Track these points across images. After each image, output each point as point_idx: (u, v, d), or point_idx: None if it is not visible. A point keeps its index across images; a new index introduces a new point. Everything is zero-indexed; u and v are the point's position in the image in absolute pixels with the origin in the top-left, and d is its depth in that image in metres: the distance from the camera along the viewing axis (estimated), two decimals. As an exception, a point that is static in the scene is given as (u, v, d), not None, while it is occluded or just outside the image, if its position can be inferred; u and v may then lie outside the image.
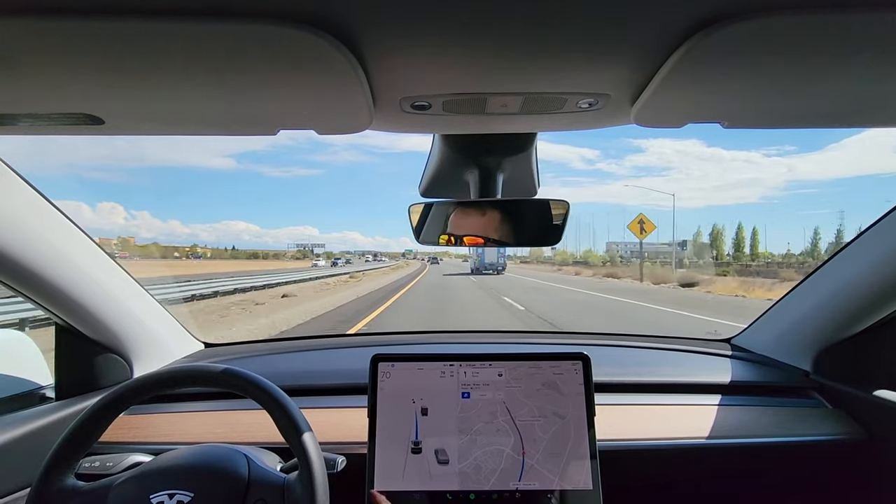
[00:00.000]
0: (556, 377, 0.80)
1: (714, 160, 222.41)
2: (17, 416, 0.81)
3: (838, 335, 1.00)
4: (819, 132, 10.35)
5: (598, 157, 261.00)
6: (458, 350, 1.08)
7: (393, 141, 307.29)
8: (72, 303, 0.85)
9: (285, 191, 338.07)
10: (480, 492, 0.75)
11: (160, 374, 0.64)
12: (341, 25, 0.37)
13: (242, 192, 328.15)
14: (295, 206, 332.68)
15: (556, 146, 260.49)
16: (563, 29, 0.38)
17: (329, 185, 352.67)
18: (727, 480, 0.97)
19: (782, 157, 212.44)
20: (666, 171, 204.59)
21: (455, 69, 0.45)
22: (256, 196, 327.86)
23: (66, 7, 0.33)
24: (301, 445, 0.59)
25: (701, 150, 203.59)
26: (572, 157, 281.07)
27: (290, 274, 23.95)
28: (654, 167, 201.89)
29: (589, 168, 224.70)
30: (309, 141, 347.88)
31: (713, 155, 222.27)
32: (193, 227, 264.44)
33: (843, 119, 0.54)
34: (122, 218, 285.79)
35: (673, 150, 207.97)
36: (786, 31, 0.37)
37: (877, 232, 0.87)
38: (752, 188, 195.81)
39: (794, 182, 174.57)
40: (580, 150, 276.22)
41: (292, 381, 0.97)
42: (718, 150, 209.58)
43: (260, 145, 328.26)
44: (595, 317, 8.93)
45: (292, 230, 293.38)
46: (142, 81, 0.43)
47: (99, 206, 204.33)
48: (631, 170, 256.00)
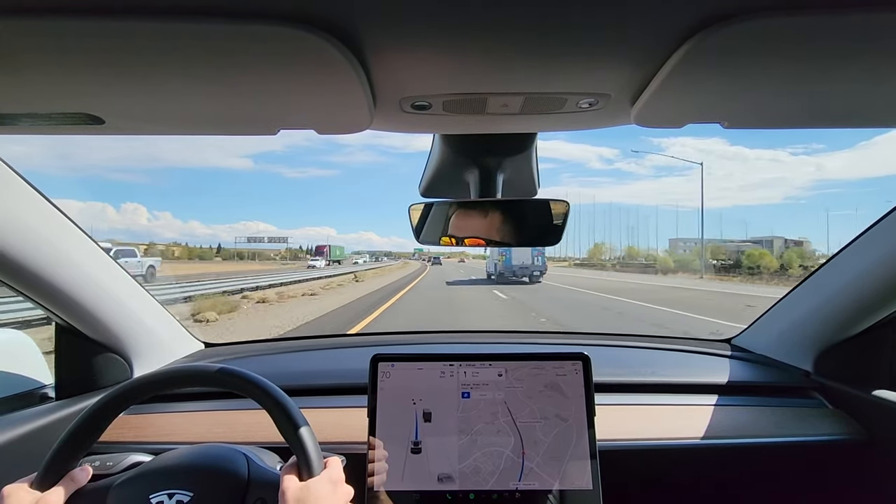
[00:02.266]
0: (560, 379, 0.80)
1: (738, 159, 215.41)
2: (17, 416, 0.81)
3: (839, 335, 1.00)
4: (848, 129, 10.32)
5: (617, 156, 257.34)
6: (458, 350, 1.08)
7: (407, 141, 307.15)
8: (72, 302, 0.85)
9: (302, 191, 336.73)
10: (480, 492, 0.75)
11: (160, 374, 0.64)
12: (341, 25, 0.37)
13: (260, 192, 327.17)
14: (311, 207, 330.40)
15: (573, 145, 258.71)
16: (563, 29, 0.38)
17: (345, 185, 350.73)
18: (727, 481, 0.97)
19: (810, 155, 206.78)
20: (688, 171, 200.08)
21: (455, 69, 0.45)
22: (274, 197, 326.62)
23: (65, 7, 0.33)
24: (300, 445, 0.59)
25: (724, 148, 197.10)
26: (590, 157, 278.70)
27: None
28: (676, 167, 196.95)
29: (608, 168, 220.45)
30: (324, 142, 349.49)
31: (737, 154, 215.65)
32: (214, 227, 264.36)
33: (843, 119, 0.54)
34: (145, 219, 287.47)
35: (695, 148, 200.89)
36: (786, 31, 0.37)
37: (877, 232, 0.87)
38: (776, 188, 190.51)
39: (822, 181, 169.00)
40: (598, 149, 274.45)
41: (292, 381, 0.97)
42: (742, 148, 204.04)
43: (276, 146, 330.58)
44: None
45: (309, 230, 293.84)
46: (142, 81, 0.43)
47: (123, 206, 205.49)
48: (651, 169, 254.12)
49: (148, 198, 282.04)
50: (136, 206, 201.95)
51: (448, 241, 0.77)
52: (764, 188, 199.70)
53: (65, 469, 0.58)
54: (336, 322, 8.14)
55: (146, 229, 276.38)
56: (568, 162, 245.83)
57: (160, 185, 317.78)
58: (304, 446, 0.59)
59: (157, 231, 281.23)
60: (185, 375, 0.66)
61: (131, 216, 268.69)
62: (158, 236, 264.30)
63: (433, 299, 12.17)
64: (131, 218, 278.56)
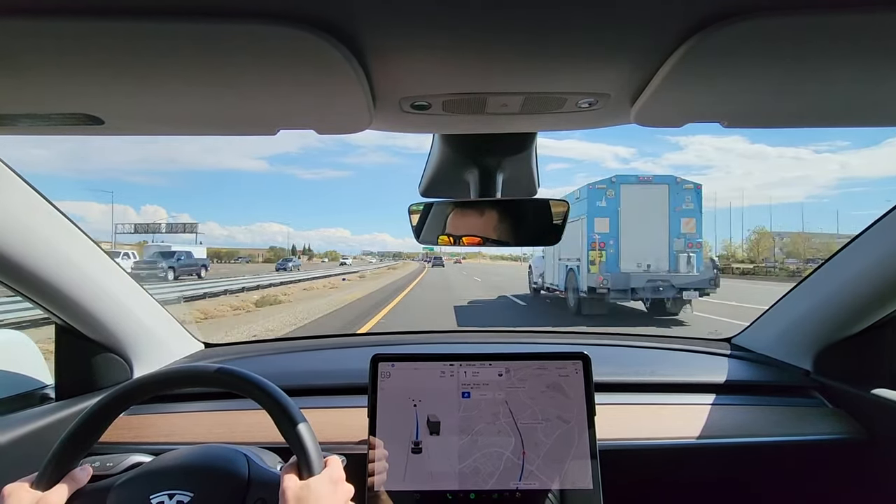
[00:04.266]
0: (562, 379, 0.80)
1: (759, 157, 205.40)
2: (17, 417, 0.81)
3: (839, 334, 1.00)
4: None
5: (634, 155, 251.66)
6: (458, 350, 1.08)
7: (420, 141, 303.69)
8: (71, 303, 0.85)
9: (316, 192, 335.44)
10: (480, 491, 0.75)
11: (159, 374, 0.64)
12: (341, 25, 0.37)
13: (275, 194, 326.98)
14: (326, 208, 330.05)
15: (589, 144, 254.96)
16: (563, 29, 0.38)
17: (358, 186, 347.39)
18: (728, 480, 0.97)
19: (833, 153, 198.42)
20: (706, 170, 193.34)
21: (455, 69, 0.45)
22: (289, 198, 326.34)
23: (65, 7, 0.33)
24: (300, 444, 0.59)
25: (745, 147, 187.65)
26: (606, 156, 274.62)
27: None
28: (693, 165, 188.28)
29: (624, 167, 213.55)
30: (337, 143, 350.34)
31: (758, 152, 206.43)
32: (230, 228, 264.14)
33: (843, 119, 0.54)
34: (165, 220, 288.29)
35: (713, 147, 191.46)
36: (785, 31, 0.36)
37: (878, 231, 0.87)
38: (799, 186, 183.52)
39: (847, 180, 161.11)
40: (614, 148, 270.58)
41: (292, 381, 0.97)
42: (763, 146, 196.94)
43: (291, 147, 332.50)
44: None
45: (324, 231, 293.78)
46: (141, 82, 0.43)
47: (143, 208, 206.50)
48: (668, 168, 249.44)
49: (167, 200, 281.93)
50: (156, 209, 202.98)
51: (447, 241, 0.77)
52: (784, 187, 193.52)
53: (65, 469, 0.58)
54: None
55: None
56: (582, 162, 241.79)
57: (178, 186, 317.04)
58: (304, 446, 0.59)
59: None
60: (185, 376, 0.66)
61: (152, 217, 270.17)
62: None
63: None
64: (152, 219, 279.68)
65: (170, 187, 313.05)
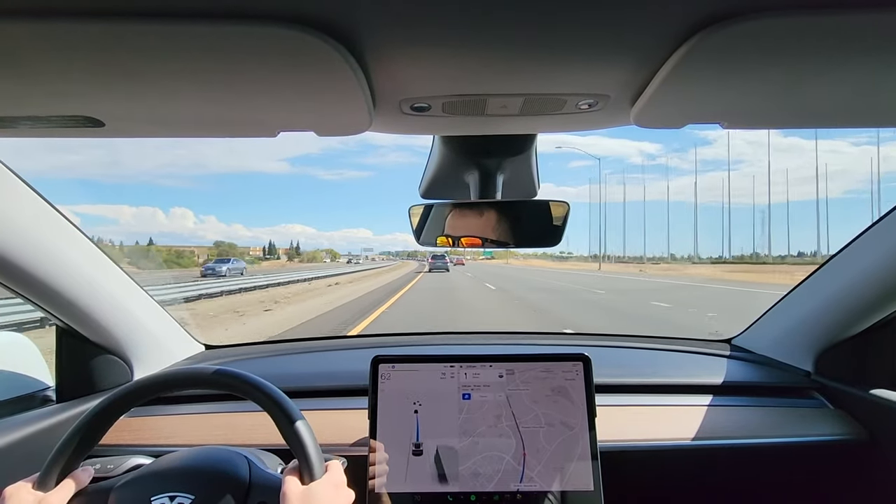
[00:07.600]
0: (568, 383, 0.80)
1: (795, 150, 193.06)
2: (18, 419, 0.81)
3: (840, 335, 0.99)
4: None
5: (660, 151, 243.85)
6: (458, 351, 1.08)
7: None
8: (72, 305, 0.85)
9: (338, 193, 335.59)
10: (481, 493, 0.75)
11: (160, 376, 0.64)
12: (341, 27, 0.37)
13: (298, 195, 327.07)
14: (348, 209, 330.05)
15: (612, 140, 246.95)
16: (562, 30, 0.38)
17: (379, 186, 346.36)
18: (729, 481, 0.97)
19: (873, 146, 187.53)
20: (737, 165, 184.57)
21: (455, 71, 0.45)
22: (311, 199, 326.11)
23: (65, 9, 0.33)
24: (301, 447, 0.59)
25: (777, 140, 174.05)
26: (631, 152, 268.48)
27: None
28: (723, 160, 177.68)
29: (650, 163, 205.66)
30: (358, 143, 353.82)
31: (792, 146, 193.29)
32: (255, 230, 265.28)
33: (843, 119, 0.54)
34: (192, 222, 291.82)
35: (745, 140, 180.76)
36: (786, 31, 0.37)
37: (878, 231, 0.87)
38: (836, 181, 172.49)
39: (890, 173, 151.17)
40: (639, 143, 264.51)
41: (292, 383, 0.97)
42: (797, 139, 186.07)
43: (312, 148, 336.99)
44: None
45: (346, 232, 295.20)
46: (142, 84, 0.43)
47: (171, 210, 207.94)
48: (697, 164, 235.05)
49: (194, 202, 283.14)
50: (184, 211, 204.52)
51: (446, 242, 0.77)
52: (822, 181, 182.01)
53: (67, 470, 0.58)
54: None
55: (192, 232, 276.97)
56: (606, 158, 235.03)
57: (205, 189, 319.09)
58: (305, 449, 0.59)
59: (202, 233, 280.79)
60: (185, 378, 0.66)
61: (180, 220, 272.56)
62: (202, 238, 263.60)
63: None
64: (180, 222, 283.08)
65: (196, 189, 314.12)
